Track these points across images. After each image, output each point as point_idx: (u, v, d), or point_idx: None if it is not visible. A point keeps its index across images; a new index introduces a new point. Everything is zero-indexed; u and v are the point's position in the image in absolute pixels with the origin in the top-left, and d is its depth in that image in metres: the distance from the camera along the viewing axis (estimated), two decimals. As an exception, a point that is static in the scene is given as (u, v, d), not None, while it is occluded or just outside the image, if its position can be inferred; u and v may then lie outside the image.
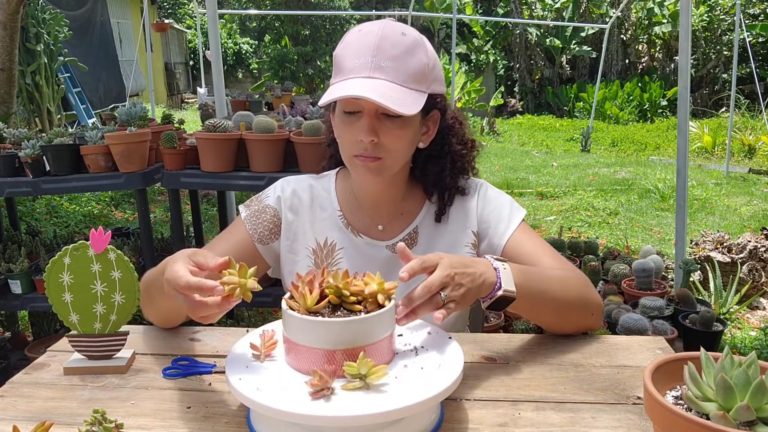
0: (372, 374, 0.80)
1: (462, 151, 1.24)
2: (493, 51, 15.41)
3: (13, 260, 2.61)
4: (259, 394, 0.77)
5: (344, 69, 1.09)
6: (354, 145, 1.12)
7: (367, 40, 1.07)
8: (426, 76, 1.10)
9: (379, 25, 1.09)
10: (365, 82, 1.05)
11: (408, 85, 1.07)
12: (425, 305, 0.90)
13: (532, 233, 1.23)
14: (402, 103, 1.04)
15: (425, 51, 1.10)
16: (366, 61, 1.06)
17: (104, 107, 10.85)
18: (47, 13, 7.49)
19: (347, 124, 1.12)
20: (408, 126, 1.12)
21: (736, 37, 7.77)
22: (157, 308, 1.14)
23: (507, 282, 0.99)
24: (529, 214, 6.09)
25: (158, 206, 6.28)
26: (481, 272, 0.96)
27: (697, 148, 9.69)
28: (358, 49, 1.08)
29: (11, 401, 0.94)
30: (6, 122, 4.16)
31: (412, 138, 1.15)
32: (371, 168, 1.12)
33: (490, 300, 0.98)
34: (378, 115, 1.09)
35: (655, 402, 0.69)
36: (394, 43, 1.07)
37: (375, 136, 1.09)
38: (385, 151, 1.11)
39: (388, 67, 1.06)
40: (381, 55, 1.06)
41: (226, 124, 2.44)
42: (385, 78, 1.06)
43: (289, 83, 4.70)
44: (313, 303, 0.84)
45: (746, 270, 3.72)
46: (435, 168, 1.22)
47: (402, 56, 1.07)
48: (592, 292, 1.14)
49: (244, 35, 18.99)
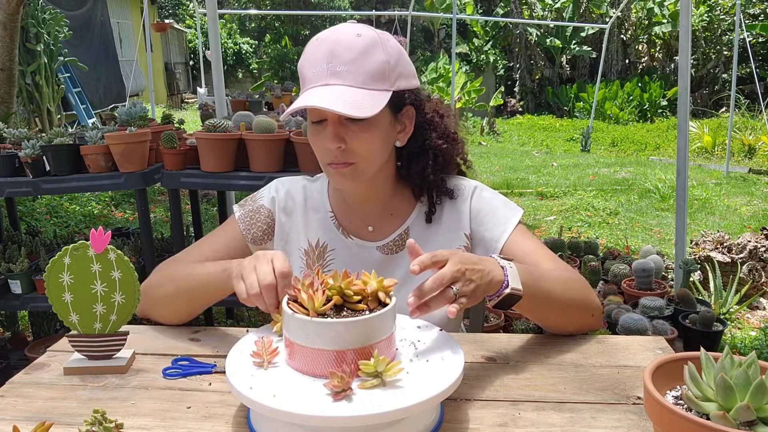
0: (388, 370, 0.80)
1: (443, 145, 1.21)
2: (493, 51, 15.42)
3: (13, 260, 2.61)
4: (276, 401, 0.77)
5: (304, 79, 1.10)
6: (325, 153, 1.12)
7: (322, 48, 1.07)
8: (387, 74, 1.08)
9: (334, 30, 1.09)
10: (322, 91, 1.05)
11: (367, 86, 1.06)
12: (437, 299, 0.90)
13: (529, 235, 1.22)
14: (358, 106, 1.03)
15: (382, 49, 1.08)
16: (322, 69, 1.06)
17: (104, 107, 10.85)
18: (47, 13, 7.49)
19: (315, 133, 1.12)
20: (374, 128, 1.10)
21: (736, 37, 7.77)
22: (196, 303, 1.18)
23: (514, 280, 0.99)
24: (529, 214, 6.09)
25: (158, 206, 6.28)
26: (490, 269, 0.96)
27: (697, 148, 9.69)
28: (314, 58, 1.08)
29: (11, 401, 0.94)
30: (6, 122, 4.16)
31: (384, 138, 1.13)
32: (345, 174, 1.12)
33: (497, 298, 0.98)
34: (342, 121, 1.09)
35: (655, 402, 0.69)
36: (347, 46, 1.06)
37: (341, 143, 1.09)
38: (355, 156, 1.10)
39: (344, 71, 1.05)
40: (335, 61, 1.05)
41: (226, 124, 2.44)
42: (342, 83, 1.05)
43: (289, 83, 4.70)
44: (320, 305, 0.84)
45: (746, 270, 3.72)
46: (417, 166, 1.21)
47: (358, 59, 1.06)
48: (593, 294, 1.15)
49: (244, 35, 18.99)
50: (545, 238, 3.67)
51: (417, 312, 0.90)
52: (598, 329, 1.18)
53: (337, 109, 1.01)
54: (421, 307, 0.90)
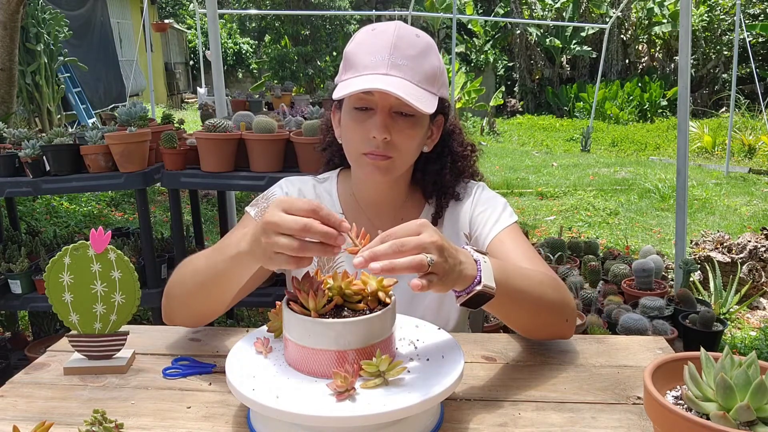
0: (391, 370, 0.80)
1: (463, 152, 1.25)
2: (493, 51, 15.41)
3: (13, 260, 2.61)
4: (279, 402, 0.76)
5: (358, 65, 1.08)
6: (364, 142, 1.11)
7: (383, 39, 1.08)
8: (437, 79, 1.11)
9: (394, 25, 1.10)
10: (382, 78, 1.05)
11: (422, 85, 1.08)
12: (407, 263, 0.78)
13: (519, 237, 1.19)
14: (419, 100, 1.05)
15: (437, 55, 1.12)
16: (383, 59, 1.06)
17: (104, 107, 10.84)
18: (47, 13, 7.49)
19: (358, 121, 1.11)
20: (419, 126, 1.12)
21: (736, 37, 7.77)
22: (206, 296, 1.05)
23: (487, 277, 0.89)
24: (529, 214, 6.09)
25: (158, 206, 6.28)
26: (462, 261, 0.87)
27: (697, 148, 9.69)
28: (373, 46, 1.08)
29: (11, 401, 0.94)
30: (6, 122, 4.16)
31: (422, 139, 1.15)
32: (380, 166, 1.11)
33: (466, 295, 0.88)
34: (391, 113, 1.09)
35: (655, 402, 0.69)
36: (410, 43, 1.08)
37: (388, 134, 1.08)
38: (395, 150, 1.11)
39: (405, 65, 1.07)
40: (398, 54, 1.06)
41: (226, 124, 2.44)
42: (401, 76, 1.06)
43: (289, 83, 4.71)
44: (321, 305, 0.84)
45: (746, 270, 3.72)
46: (435, 166, 1.22)
47: (417, 57, 1.08)
48: (569, 298, 1.09)
49: (244, 35, 18.98)
50: (545, 238, 3.66)
51: (378, 269, 0.77)
52: (569, 337, 1.11)
53: (407, 98, 1.02)
54: (385, 266, 0.77)
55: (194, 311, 1.11)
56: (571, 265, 3.10)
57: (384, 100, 1.08)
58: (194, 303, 1.09)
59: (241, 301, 1.01)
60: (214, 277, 1.01)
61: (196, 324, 1.16)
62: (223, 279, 1.00)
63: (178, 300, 1.10)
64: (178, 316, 1.13)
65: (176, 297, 1.10)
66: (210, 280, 1.02)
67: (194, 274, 1.05)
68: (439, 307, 1.23)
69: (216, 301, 1.08)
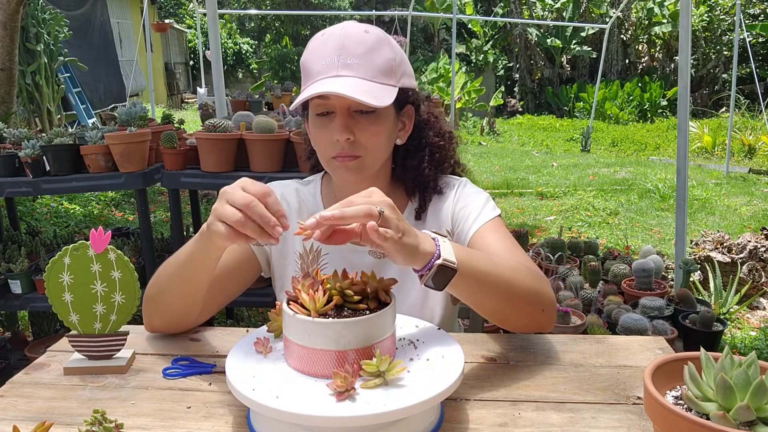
0: (391, 370, 0.80)
1: (440, 142, 1.24)
2: (493, 51, 15.41)
3: (13, 260, 2.61)
4: (279, 402, 0.76)
5: (312, 72, 1.09)
6: (330, 146, 1.11)
7: (330, 42, 1.08)
8: (394, 70, 1.10)
9: (341, 26, 1.10)
10: (334, 81, 1.05)
11: (377, 79, 1.07)
12: (355, 210, 0.82)
13: (501, 230, 1.17)
14: (373, 96, 1.04)
15: (390, 46, 1.11)
16: (332, 61, 1.06)
17: (104, 107, 10.85)
18: (47, 13, 7.49)
19: (321, 126, 1.11)
20: (382, 121, 1.12)
21: (736, 37, 7.77)
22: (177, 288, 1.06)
23: (447, 252, 0.89)
24: (529, 214, 6.09)
25: (158, 206, 6.28)
26: (418, 234, 0.88)
27: (697, 148, 9.69)
28: (322, 51, 1.08)
29: (11, 401, 0.94)
30: (6, 122, 4.16)
31: (389, 133, 1.15)
32: (350, 167, 1.12)
33: (428, 271, 0.88)
34: (351, 113, 1.09)
35: (655, 402, 0.69)
36: (358, 41, 1.07)
37: (350, 134, 1.08)
38: (362, 149, 1.11)
39: (355, 64, 1.06)
40: (346, 54, 1.06)
41: (226, 124, 2.44)
42: (353, 75, 1.06)
43: (289, 83, 4.70)
44: (321, 305, 0.84)
45: (746, 270, 3.72)
46: (413, 161, 1.22)
47: (367, 53, 1.07)
48: (546, 288, 1.06)
49: (244, 35, 18.99)
50: (545, 238, 3.67)
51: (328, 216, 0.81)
52: (549, 329, 1.10)
53: (357, 96, 1.02)
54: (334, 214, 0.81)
55: (169, 309, 1.10)
56: (571, 265, 3.10)
57: (340, 102, 1.07)
58: (168, 299, 1.08)
59: (241, 302, 1.01)
60: (183, 264, 1.02)
61: (174, 327, 1.14)
62: (190, 265, 1.02)
63: (154, 300, 1.10)
64: (155, 317, 1.12)
65: (152, 297, 1.10)
66: (178, 270, 1.04)
67: (165, 268, 1.08)
68: (423, 303, 1.22)
69: (187, 294, 1.07)
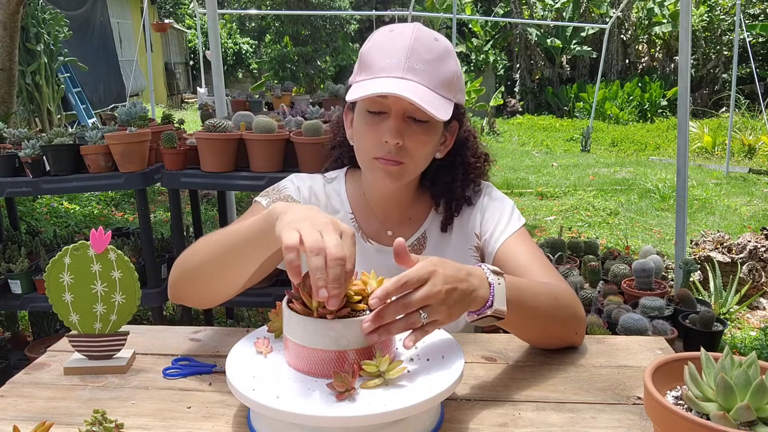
0: (391, 370, 0.80)
1: (476, 164, 1.23)
2: (493, 51, 15.41)
3: (13, 260, 2.61)
4: (279, 402, 0.76)
5: (374, 67, 1.06)
6: (376, 146, 1.09)
7: (400, 41, 1.06)
8: (454, 84, 1.09)
9: (412, 27, 1.07)
10: (398, 82, 1.03)
11: (438, 90, 1.06)
12: (399, 323, 0.82)
13: (528, 241, 1.20)
14: (434, 107, 1.03)
15: (455, 60, 1.10)
16: (399, 62, 1.04)
17: (104, 107, 10.85)
18: (47, 13, 7.50)
19: (371, 124, 1.09)
20: (433, 132, 1.11)
21: (736, 37, 7.77)
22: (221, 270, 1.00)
23: (499, 301, 0.90)
24: (529, 214, 6.09)
25: (158, 206, 6.28)
26: (475, 287, 0.88)
27: (697, 148, 9.69)
28: (390, 48, 1.06)
29: (11, 401, 0.94)
30: (6, 122, 4.16)
31: (434, 145, 1.13)
32: (392, 172, 1.10)
33: (477, 317, 0.91)
34: (405, 118, 1.07)
35: (655, 402, 0.69)
36: (427, 47, 1.06)
37: (401, 139, 1.07)
38: (408, 156, 1.09)
39: (422, 70, 1.04)
40: (415, 58, 1.04)
41: (226, 124, 2.44)
42: (417, 80, 1.04)
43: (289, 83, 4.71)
44: (322, 305, 0.83)
45: (746, 270, 3.72)
46: (446, 178, 1.21)
47: (435, 61, 1.06)
48: (579, 310, 1.08)
49: (244, 35, 18.98)
50: (545, 238, 3.67)
51: (374, 335, 0.80)
52: (578, 345, 1.10)
53: (422, 104, 1.00)
54: (379, 330, 0.80)
55: (207, 288, 1.05)
56: (571, 265, 3.10)
57: (398, 105, 1.06)
58: (208, 278, 1.02)
59: (241, 302, 1.01)
60: (235, 247, 0.95)
61: (203, 303, 1.10)
62: (241, 251, 0.95)
63: (192, 274, 1.04)
64: (187, 291, 1.07)
65: (189, 271, 1.04)
66: (229, 252, 0.96)
67: (213, 246, 1.00)
68: None
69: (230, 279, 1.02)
